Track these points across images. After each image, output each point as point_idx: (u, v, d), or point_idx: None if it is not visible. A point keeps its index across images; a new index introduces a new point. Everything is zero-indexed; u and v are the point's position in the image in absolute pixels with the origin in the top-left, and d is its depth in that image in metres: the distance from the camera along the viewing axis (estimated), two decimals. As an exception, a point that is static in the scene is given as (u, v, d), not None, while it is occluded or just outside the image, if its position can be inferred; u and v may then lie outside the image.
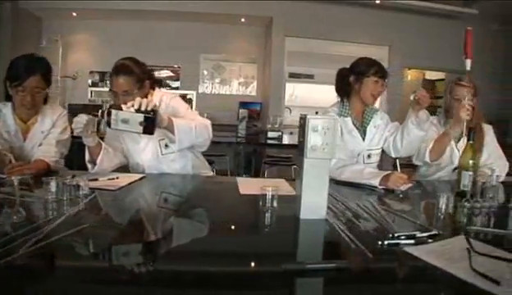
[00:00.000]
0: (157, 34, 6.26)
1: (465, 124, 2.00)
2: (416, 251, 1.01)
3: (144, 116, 1.65)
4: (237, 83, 6.54)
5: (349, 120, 2.15)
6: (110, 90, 2.00)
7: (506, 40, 6.45)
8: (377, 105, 2.29)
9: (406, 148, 2.13)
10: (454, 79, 2.33)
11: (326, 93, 6.59)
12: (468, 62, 1.97)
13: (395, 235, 1.09)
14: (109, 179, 1.80)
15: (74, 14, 6.14)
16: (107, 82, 6.49)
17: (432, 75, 8.04)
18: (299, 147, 1.30)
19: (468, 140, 1.74)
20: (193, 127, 1.88)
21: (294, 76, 6.12)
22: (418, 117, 2.01)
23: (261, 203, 1.38)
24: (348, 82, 2.15)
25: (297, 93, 6.29)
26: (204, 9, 5.81)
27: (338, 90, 2.21)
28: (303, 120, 1.28)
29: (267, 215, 1.34)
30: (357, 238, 1.08)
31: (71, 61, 6.39)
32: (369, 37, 6.06)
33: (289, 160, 4.55)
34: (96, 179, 1.75)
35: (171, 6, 5.82)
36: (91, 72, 6.46)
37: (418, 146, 2.16)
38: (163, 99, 2.09)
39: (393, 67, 6.26)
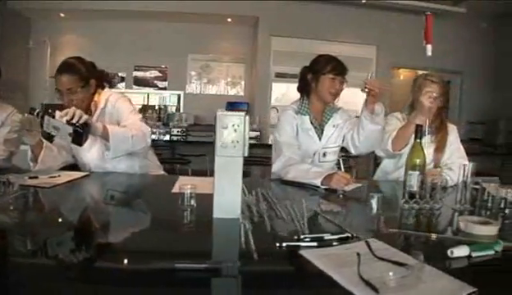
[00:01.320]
0: (144, 35, 6.27)
1: (429, 113, 1.93)
2: (311, 254, 0.95)
3: (73, 129, 1.68)
4: (224, 84, 6.53)
5: (307, 118, 2.11)
6: (55, 88, 2.00)
7: (496, 38, 6.37)
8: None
9: (364, 144, 2.06)
10: (423, 74, 2.24)
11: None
12: (429, 48, 1.92)
13: (300, 237, 1.06)
14: (50, 177, 1.79)
15: (62, 15, 6.18)
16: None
17: (425, 75, 7.95)
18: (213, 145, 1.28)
19: (416, 138, 1.67)
20: (129, 137, 1.86)
21: (281, 76, 6.08)
22: (371, 110, 1.93)
23: (179, 202, 1.35)
24: (307, 80, 2.12)
25: (284, 93, 6.25)
26: (191, 9, 5.82)
27: (299, 88, 2.18)
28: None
29: (183, 213, 1.32)
30: (257, 239, 1.03)
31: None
32: (356, 36, 6.02)
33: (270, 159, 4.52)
34: (36, 177, 1.75)
35: (159, 7, 5.83)
36: (79, 72, 6.46)
37: (377, 140, 2.08)
38: (110, 99, 2.08)
39: (381, 67, 6.24)
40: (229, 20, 6.14)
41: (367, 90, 1.86)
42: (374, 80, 1.86)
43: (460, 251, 0.97)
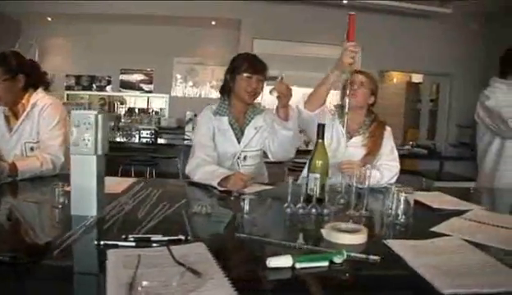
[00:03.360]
0: (130, 38, 6.32)
1: (348, 69, 1.82)
2: (114, 253, 0.91)
3: None
4: (210, 86, 6.52)
5: (225, 119, 2.02)
6: None
7: (485, 40, 6.21)
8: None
9: (278, 150, 1.96)
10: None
11: (295, 96, 6.55)
12: (344, 76, 1.85)
13: (127, 236, 1.02)
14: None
15: (49, 18, 6.27)
16: (83, 85, 6.61)
17: (418, 78, 7.81)
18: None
19: (318, 138, 1.58)
20: (38, 171, 1.81)
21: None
22: (282, 116, 1.84)
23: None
24: (226, 80, 2.05)
25: (266, 95, 6.20)
26: (176, 12, 5.85)
27: (220, 88, 2.12)
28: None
29: (53, 210, 1.30)
30: (88, 237, 1.02)
31: (48, 64, 6.50)
32: (340, 38, 5.82)
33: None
34: None
35: (144, 11, 5.88)
36: (67, 75, 6.57)
37: (292, 146, 1.99)
38: (37, 104, 2.04)
39: (366, 69, 6.13)
40: (213, 23, 6.15)
41: (276, 95, 1.74)
42: (282, 83, 1.74)
43: (280, 262, 0.88)
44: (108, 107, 6.68)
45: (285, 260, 0.87)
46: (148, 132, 4.65)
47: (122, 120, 6.25)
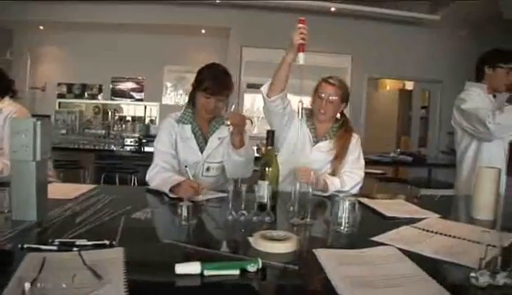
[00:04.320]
0: (121, 47, 6.34)
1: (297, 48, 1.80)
2: (30, 256, 0.91)
3: None
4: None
5: (188, 127, 2.00)
6: None
7: (476, 46, 6.19)
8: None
9: (233, 172, 1.95)
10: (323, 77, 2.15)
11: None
12: (301, 56, 1.84)
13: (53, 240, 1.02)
14: None
15: (41, 27, 6.32)
16: (75, 93, 6.64)
17: (411, 85, 7.79)
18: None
19: (267, 145, 1.58)
20: None
21: (252, 86, 6.04)
22: (235, 144, 1.86)
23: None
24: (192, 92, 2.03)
25: (256, 103, 6.20)
26: (165, 21, 5.88)
27: (188, 96, 2.11)
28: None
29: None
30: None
31: (40, 72, 6.56)
32: (329, 46, 5.93)
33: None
34: None
35: (135, 20, 5.93)
36: (59, 84, 6.60)
37: (245, 169, 1.96)
38: (3, 111, 2.09)
39: (357, 77, 6.14)
40: (203, 31, 6.17)
41: (228, 124, 1.77)
42: (235, 113, 1.79)
43: (188, 268, 0.87)
44: (102, 115, 6.69)
45: (193, 267, 0.86)
46: (133, 140, 4.66)
47: (114, 129, 6.28)
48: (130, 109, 6.69)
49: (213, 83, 1.90)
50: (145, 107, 6.57)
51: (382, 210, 1.57)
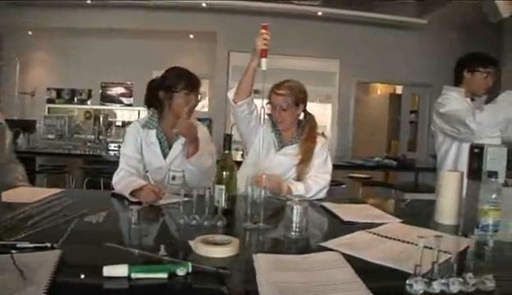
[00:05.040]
0: (110, 52, 6.35)
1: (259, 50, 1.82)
2: None
3: None
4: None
5: (153, 132, 1.99)
6: None
7: (464, 50, 6.21)
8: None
9: (190, 181, 1.95)
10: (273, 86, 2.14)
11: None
12: (264, 61, 1.85)
13: None
14: None
15: (30, 32, 6.33)
16: (64, 99, 6.63)
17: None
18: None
19: (224, 149, 1.59)
20: None
21: (240, 91, 6.03)
22: (189, 152, 1.87)
23: None
24: (157, 96, 2.01)
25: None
26: (153, 26, 5.90)
27: (147, 102, 2.09)
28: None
29: None
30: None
31: (29, 77, 6.57)
32: (317, 50, 5.95)
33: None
34: None
35: (124, 25, 5.96)
36: (48, 89, 6.60)
37: (197, 177, 1.95)
38: None
39: (345, 81, 6.15)
40: (191, 36, 6.19)
41: (176, 131, 1.82)
42: (184, 122, 1.81)
43: (115, 271, 0.86)
44: (94, 121, 6.66)
45: (120, 270, 0.86)
46: (117, 145, 4.66)
47: (103, 134, 6.25)
48: (124, 114, 6.67)
49: (189, 79, 1.95)
50: (139, 112, 6.55)
51: (342, 214, 1.55)
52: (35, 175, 4.73)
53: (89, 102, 6.65)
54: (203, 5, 5.52)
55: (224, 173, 1.52)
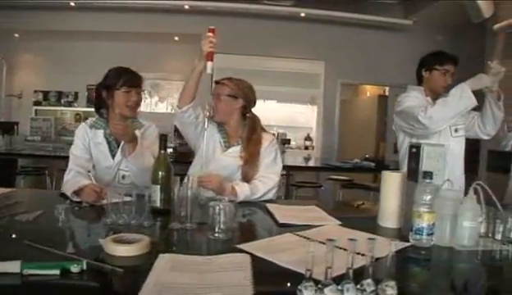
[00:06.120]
0: (96, 54, 6.32)
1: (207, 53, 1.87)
2: None
3: None
4: (175, 102, 6.53)
5: (101, 132, 2.00)
6: None
7: (451, 50, 6.19)
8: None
9: (132, 179, 1.97)
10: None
11: (258, 110, 6.53)
12: (209, 65, 1.86)
13: None
14: None
15: (16, 35, 6.34)
16: (51, 100, 6.64)
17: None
18: None
19: (160, 150, 1.58)
20: None
21: (225, 93, 6.03)
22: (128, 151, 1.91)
23: None
24: (101, 98, 2.02)
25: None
26: (138, 29, 5.91)
27: (95, 105, 2.09)
28: None
29: None
30: None
31: (16, 80, 6.59)
32: (303, 52, 5.94)
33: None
34: None
35: (109, 28, 5.97)
36: (35, 91, 6.61)
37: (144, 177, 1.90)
38: None
39: (330, 82, 6.14)
40: (176, 38, 6.19)
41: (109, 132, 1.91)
42: (118, 123, 1.87)
43: (7, 267, 0.86)
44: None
45: (12, 266, 0.86)
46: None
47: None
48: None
49: (129, 75, 2.00)
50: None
51: (280, 216, 1.54)
52: (15, 177, 4.72)
53: (75, 105, 6.66)
54: (186, 7, 5.52)
55: (160, 173, 1.53)
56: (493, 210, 1.39)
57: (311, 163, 4.86)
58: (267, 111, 6.08)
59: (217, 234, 1.25)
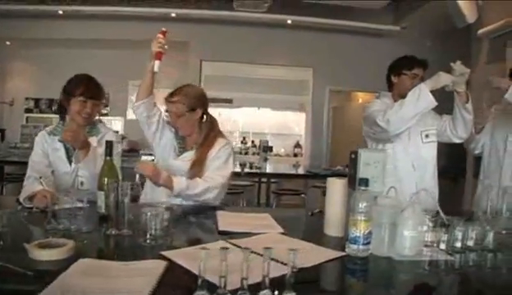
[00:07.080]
0: (87, 62, 6.32)
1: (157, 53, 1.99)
2: None
3: None
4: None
5: (57, 139, 2.03)
6: None
7: (440, 55, 6.18)
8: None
9: (88, 186, 1.95)
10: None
11: (247, 117, 6.53)
12: (157, 63, 1.91)
13: None
14: None
15: (7, 43, 6.40)
16: (42, 108, 6.68)
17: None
18: None
19: (106, 155, 1.60)
20: None
21: (212, 101, 6.02)
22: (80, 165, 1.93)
23: None
24: (61, 101, 2.05)
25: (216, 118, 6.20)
26: (127, 36, 5.95)
27: (57, 109, 2.14)
28: None
29: None
30: None
31: (8, 87, 6.64)
32: (290, 59, 5.96)
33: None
34: None
35: (99, 35, 6.03)
36: (26, 98, 6.66)
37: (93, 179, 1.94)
38: None
39: (319, 89, 6.14)
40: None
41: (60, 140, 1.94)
42: (68, 129, 1.89)
43: None
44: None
45: None
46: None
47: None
48: (116, 124, 6.67)
49: (88, 87, 2.02)
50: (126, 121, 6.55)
51: (221, 223, 1.54)
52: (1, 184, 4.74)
53: (67, 112, 6.69)
54: (173, 15, 5.56)
55: (105, 179, 1.53)
56: (441, 218, 1.38)
57: (300, 170, 4.86)
58: (255, 118, 6.11)
59: (148, 241, 1.25)
